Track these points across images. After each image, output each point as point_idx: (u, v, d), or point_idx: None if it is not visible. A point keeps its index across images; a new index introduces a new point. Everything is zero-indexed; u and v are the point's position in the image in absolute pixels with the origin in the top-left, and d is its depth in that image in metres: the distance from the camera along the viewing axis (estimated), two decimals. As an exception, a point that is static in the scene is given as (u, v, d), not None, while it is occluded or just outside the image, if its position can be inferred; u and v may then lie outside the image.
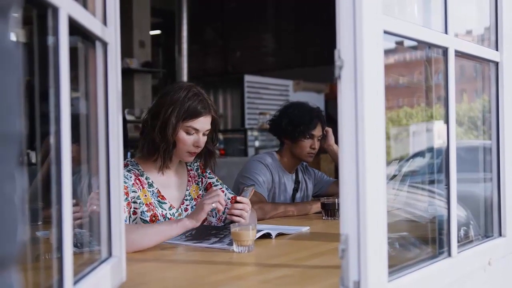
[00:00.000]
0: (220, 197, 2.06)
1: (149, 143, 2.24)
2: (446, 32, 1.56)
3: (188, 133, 2.23)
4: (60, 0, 1.00)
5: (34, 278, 1.19)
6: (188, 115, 2.20)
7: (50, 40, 1.02)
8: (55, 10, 1.00)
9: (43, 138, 1.09)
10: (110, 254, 1.38)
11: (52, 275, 1.05)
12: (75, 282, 1.09)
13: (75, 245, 1.19)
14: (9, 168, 0.57)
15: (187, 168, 2.43)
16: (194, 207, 2.34)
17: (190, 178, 2.41)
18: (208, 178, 2.46)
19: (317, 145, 3.06)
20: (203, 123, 2.25)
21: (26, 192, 0.61)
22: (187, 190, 2.38)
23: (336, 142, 3.19)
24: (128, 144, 4.05)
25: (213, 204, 2.03)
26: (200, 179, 2.45)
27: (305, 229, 2.39)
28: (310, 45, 9.40)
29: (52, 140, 1.01)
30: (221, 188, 2.41)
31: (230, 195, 2.42)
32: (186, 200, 2.37)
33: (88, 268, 1.24)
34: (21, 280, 0.66)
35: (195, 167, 2.46)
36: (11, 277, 0.59)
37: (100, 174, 1.37)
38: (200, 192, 2.42)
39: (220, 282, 1.55)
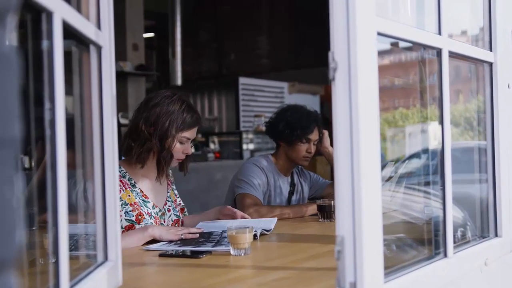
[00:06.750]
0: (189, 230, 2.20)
1: (145, 151, 2.30)
2: (439, 33, 1.56)
3: (181, 142, 2.34)
4: (54, 4, 1.00)
5: (29, 283, 1.18)
6: (185, 126, 2.32)
7: (44, 44, 1.02)
8: (49, 14, 1.00)
9: (37, 143, 1.09)
10: (106, 258, 1.38)
11: (46, 280, 1.05)
12: (71, 286, 1.08)
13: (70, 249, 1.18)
14: (8, 172, 0.57)
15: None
16: (175, 208, 2.48)
17: (169, 183, 2.53)
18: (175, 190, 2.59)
19: (313, 149, 3.05)
20: (195, 132, 2.39)
21: (23, 196, 0.61)
22: (168, 192, 2.49)
23: (332, 144, 3.18)
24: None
25: (183, 236, 2.16)
26: (174, 186, 2.57)
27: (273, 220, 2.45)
28: (305, 47, 9.42)
29: (47, 144, 1.01)
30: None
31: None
32: (168, 201, 2.47)
33: (84, 272, 1.24)
34: (20, 284, 0.66)
35: (170, 174, 2.57)
36: (10, 280, 0.59)
37: (95, 179, 1.37)
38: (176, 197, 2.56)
39: (217, 285, 1.55)
